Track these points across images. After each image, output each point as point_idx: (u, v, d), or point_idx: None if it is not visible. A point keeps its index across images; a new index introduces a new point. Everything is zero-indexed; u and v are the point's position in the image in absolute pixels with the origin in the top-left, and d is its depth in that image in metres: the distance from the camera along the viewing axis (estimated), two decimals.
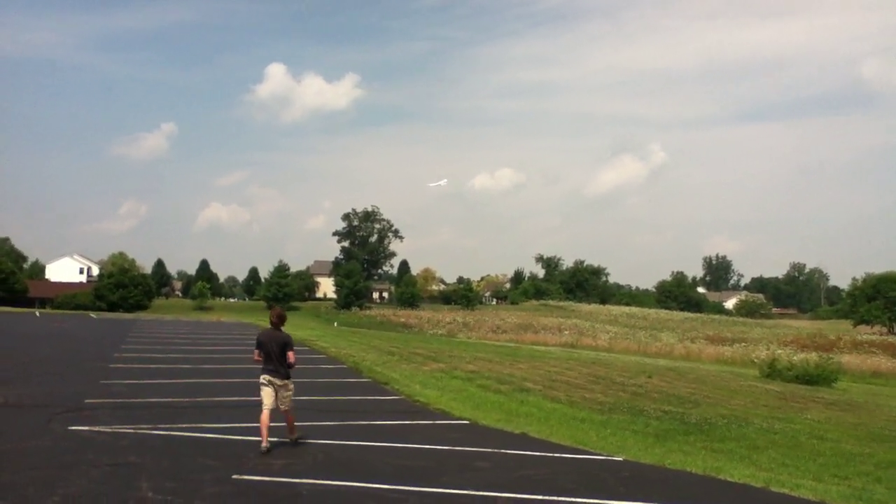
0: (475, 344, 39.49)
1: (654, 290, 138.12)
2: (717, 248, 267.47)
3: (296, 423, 9.37)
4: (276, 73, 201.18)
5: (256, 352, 9.25)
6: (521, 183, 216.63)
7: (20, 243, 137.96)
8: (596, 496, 7.31)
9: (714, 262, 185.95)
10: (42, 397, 12.11)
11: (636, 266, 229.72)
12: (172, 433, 9.54)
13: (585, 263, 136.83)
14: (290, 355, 9.21)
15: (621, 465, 9.01)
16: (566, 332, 65.31)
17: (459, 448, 9.46)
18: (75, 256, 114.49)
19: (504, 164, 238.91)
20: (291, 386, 9.30)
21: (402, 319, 76.85)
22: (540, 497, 7.12)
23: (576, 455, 9.48)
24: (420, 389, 15.25)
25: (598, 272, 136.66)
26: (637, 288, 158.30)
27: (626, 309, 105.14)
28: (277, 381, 9.06)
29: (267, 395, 8.99)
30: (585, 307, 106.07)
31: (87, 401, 11.81)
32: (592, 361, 27.06)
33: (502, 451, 9.39)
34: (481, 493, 7.15)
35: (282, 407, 9.07)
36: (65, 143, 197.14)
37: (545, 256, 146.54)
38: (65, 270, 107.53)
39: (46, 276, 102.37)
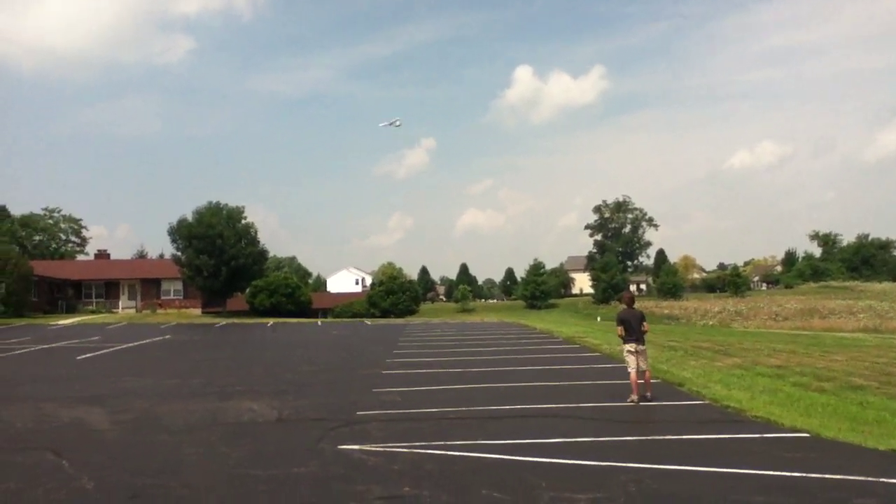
0: (761, 334, 35.05)
1: None
2: None
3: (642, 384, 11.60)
4: (524, 75, 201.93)
5: (620, 328, 11.80)
6: (786, 155, 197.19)
7: (305, 260, 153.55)
8: None
9: None
10: (315, 410, 11.56)
11: None
12: (448, 453, 8.20)
13: (871, 237, 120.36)
14: (645, 325, 11.86)
15: None
16: (862, 316, 57.03)
17: (817, 475, 7.01)
18: (351, 269, 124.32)
19: (764, 138, 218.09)
20: (646, 349, 11.90)
21: (667, 311, 72.18)
22: None
23: None
24: (724, 391, 12.71)
25: (886, 246, 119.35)
26: None
27: None
28: (640, 347, 11.63)
29: (632, 361, 11.51)
30: (876, 286, 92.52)
31: (358, 413, 11.01)
32: None
33: (883, 479, 6.79)
34: None
35: (642, 366, 11.55)
36: (339, 168, 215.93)
37: (821, 233, 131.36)
38: (342, 282, 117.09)
39: (328, 289, 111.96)
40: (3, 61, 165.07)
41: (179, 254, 56.57)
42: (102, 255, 70.85)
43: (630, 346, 11.60)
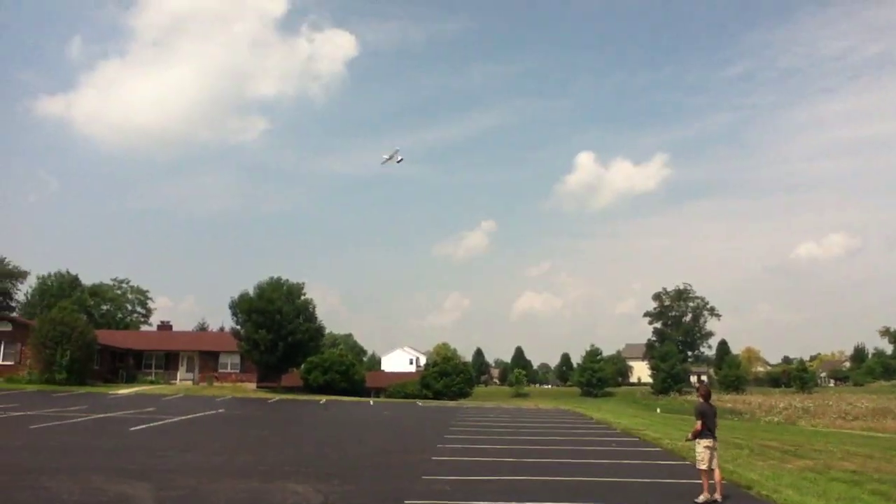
0: (832, 434, 33.23)
1: None
2: None
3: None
4: (585, 161, 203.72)
5: (700, 422, 11.48)
6: (856, 248, 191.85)
7: (361, 338, 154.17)
8: None
9: None
10: (362, 496, 11.20)
11: None
12: None
13: None
14: (716, 421, 11.86)
15: None
16: None
17: None
18: (406, 348, 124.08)
19: (833, 230, 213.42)
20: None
21: (729, 405, 69.22)
22: None
23: None
24: (796, 496, 11.87)
25: None
26: None
27: None
28: (716, 444, 11.60)
29: (707, 458, 11.27)
30: None
31: (406, 501, 10.61)
32: None
33: None
34: None
35: (714, 462, 11.35)
36: (400, 247, 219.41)
37: (892, 329, 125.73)
38: (397, 361, 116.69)
39: (382, 368, 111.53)
40: (89, 138, 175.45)
41: (238, 327, 57.33)
42: (165, 326, 72.43)
43: (708, 442, 11.34)
